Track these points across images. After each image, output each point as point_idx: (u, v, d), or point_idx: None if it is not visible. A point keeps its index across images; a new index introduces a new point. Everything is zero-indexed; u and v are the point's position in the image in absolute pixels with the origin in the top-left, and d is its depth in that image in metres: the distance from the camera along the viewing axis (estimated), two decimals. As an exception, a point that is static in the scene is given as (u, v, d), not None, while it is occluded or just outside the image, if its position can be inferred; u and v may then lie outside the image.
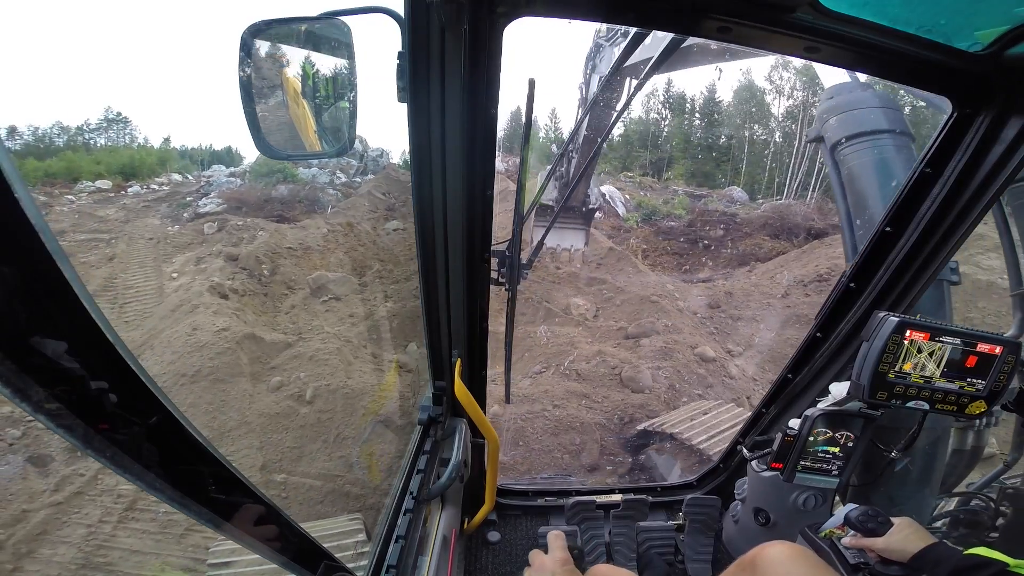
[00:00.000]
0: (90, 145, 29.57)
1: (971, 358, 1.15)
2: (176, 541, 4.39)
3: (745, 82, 30.29)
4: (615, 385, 6.43)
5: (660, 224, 16.45)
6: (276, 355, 6.87)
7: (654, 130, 32.16)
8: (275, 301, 8.97)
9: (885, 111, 1.74)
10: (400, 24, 0.85)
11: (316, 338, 7.32)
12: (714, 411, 5.35)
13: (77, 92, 62.27)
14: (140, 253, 11.00)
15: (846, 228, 1.76)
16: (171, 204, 14.43)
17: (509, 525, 1.95)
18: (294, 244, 10.53)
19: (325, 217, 12.74)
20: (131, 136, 32.28)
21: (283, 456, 5.31)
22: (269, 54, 0.89)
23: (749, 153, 29.91)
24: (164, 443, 0.36)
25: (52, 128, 29.76)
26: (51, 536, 4.40)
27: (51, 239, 0.26)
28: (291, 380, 6.31)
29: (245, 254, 9.81)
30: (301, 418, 5.71)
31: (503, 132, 23.73)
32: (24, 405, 0.26)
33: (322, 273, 9.49)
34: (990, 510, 1.73)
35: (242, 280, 9.08)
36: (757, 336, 8.59)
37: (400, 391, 6.32)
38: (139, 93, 62.16)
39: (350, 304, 8.77)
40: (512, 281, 1.47)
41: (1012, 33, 0.87)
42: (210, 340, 6.70)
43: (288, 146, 0.94)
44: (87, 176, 17.75)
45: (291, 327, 7.93)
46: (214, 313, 7.46)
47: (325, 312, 8.53)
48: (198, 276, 9.28)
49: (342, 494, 4.91)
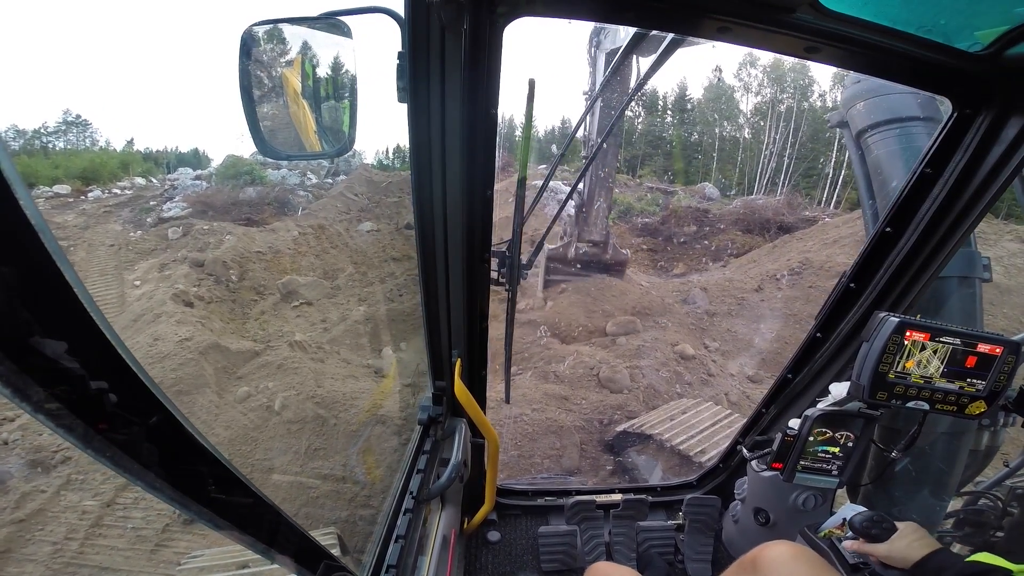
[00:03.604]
0: (48, 149, 28.65)
1: (971, 358, 1.15)
2: (147, 557, 4.30)
3: (715, 80, 30.80)
4: (593, 386, 6.38)
5: (635, 221, 16.60)
6: (243, 364, 6.67)
7: (628, 127, 32.31)
8: (244, 307, 8.71)
9: (916, 97, 1.62)
10: (400, 24, 0.85)
11: (286, 345, 7.14)
12: (693, 410, 5.35)
13: (35, 94, 59.44)
14: (101, 260, 10.38)
15: (869, 218, 1.68)
16: (134, 209, 13.86)
17: (509, 525, 1.95)
18: (263, 248, 10.23)
19: (296, 219, 12.44)
20: (92, 139, 31.30)
21: (252, 468, 5.16)
22: (269, 54, 0.89)
23: (720, 150, 30.30)
24: (164, 443, 0.36)
25: (7, 132, 27.94)
26: (15, 554, 4.30)
27: (51, 239, 0.26)
28: (259, 390, 6.11)
29: (211, 259, 9.41)
30: (270, 429, 5.54)
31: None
32: (24, 405, 0.26)
33: (293, 277, 9.29)
34: (997, 510, 1.72)
35: (208, 287, 8.76)
36: (734, 331, 8.57)
37: (377, 399, 6.20)
38: (101, 95, 59.53)
39: (322, 309, 8.60)
40: (512, 281, 1.47)
41: (1012, 33, 0.87)
42: (172, 351, 6.44)
43: (288, 146, 0.94)
44: (44, 181, 16.91)
45: (260, 334, 7.73)
46: (177, 322, 7.18)
47: (296, 318, 8.35)
48: (162, 284, 8.87)
49: (316, 506, 4.80)
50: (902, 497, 1.66)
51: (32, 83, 58.61)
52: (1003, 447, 1.71)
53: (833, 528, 1.41)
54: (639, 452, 5.05)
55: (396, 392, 6.53)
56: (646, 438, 5.03)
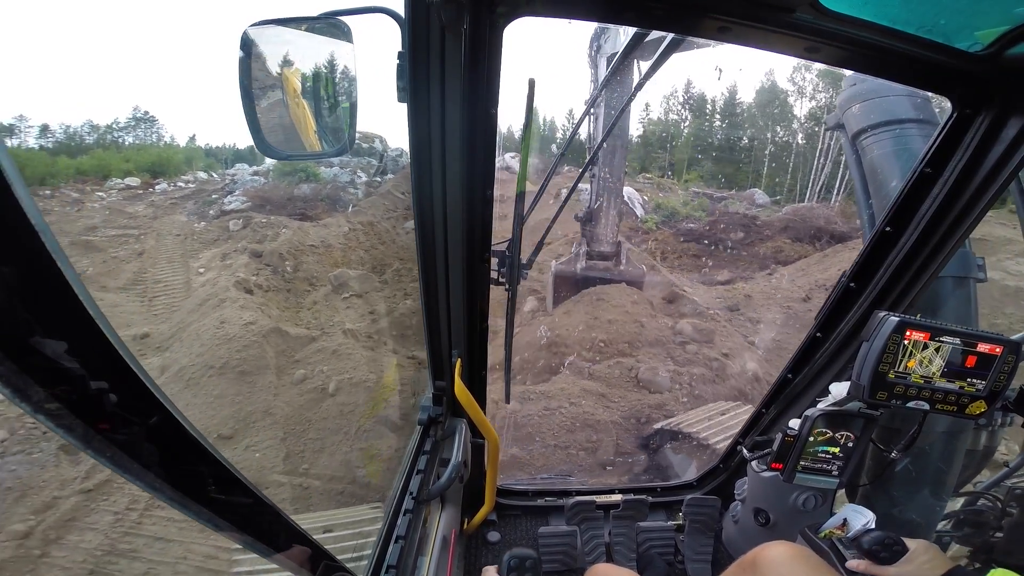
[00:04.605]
0: (119, 143, 30.49)
1: (971, 358, 1.15)
2: (199, 529, 4.42)
3: (767, 83, 29.98)
4: (631, 386, 6.38)
5: (679, 226, 16.13)
6: (300, 348, 7.01)
7: (674, 131, 31.78)
8: (297, 297, 9.12)
9: (912, 99, 1.63)
10: (400, 24, 0.86)
11: (340, 332, 7.45)
12: (732, 411, 5.30)
13: (106, 91, 63.89)
14: (168, 248, 11.25)
15: (866, 221, 1.69)
16: (197, 201, 14.64)
17: (509, 525, 1.95)
18: (316, 242, 10.69)
19: (346, 216, 12.89)
20: (158, 135, 33.27)
21: (305, 447, 5.46)
22: (269, 54, 0.89)
23: (771, 155, 29.36)
24: (164, 443, 0.36)
25: (83, 127, 30.61)
26: (79, 522, 4.47)
27: (51, 239, 0.26)
28: (314, 373, 6.46)
29: (269, 251, 9.98)
30: (323, 410, 5.85)
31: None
32: (24, 405, 0.26)
33: (344, 270, 9.63)
34: (996, 510, 1.72)
35: (266, 276, 9.25)
36: (777, 338, 8.49)
37: (413, 388, 6.42)
38: (165, 93, 63.89)
39: (370, 301, 8.88)
40: (512, 281, 1.46)
41: (1012, 33, 0.87)
42: (238, 333, 6.85)
43: (288, 146, 0.94)
44: (117, 173, 18.27)
45: (313, 322, 8.08)
46: (241, 307, 7.59)
47: (346, 308, 8.64)
48: (224, 271, 9.43)
49: (363, 484, 5.00)
50: (901, 497, 1.66)
51: (107, 79, 63.57)
52: (1001, 447, 1.71)
53: (833, 528, 1.41)
54: (675, 450, 5.05)
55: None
56: (683, 436, 5.00)
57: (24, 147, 28.32)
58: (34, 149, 27.27)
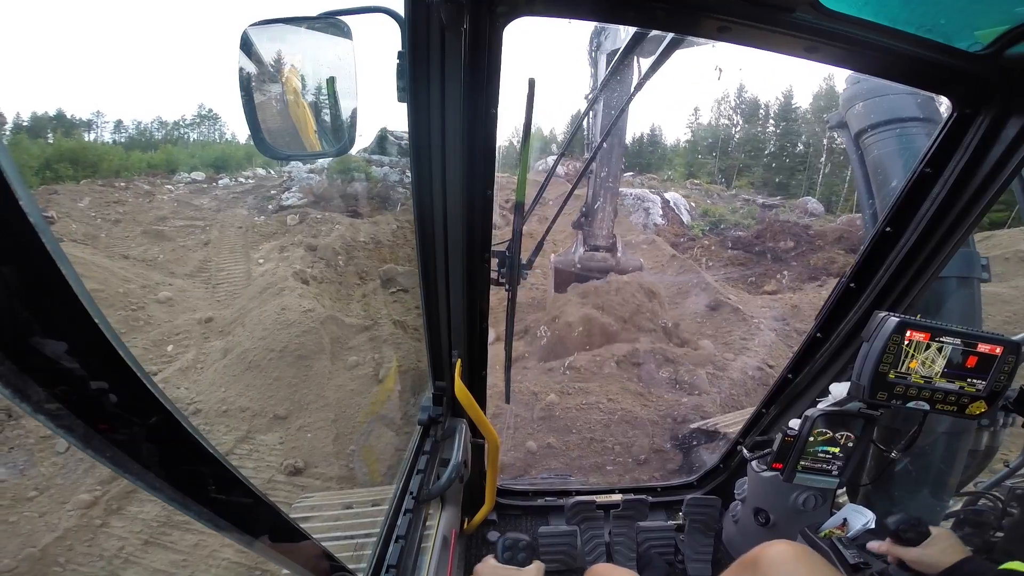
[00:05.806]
0: (185, 140, 32.50)
1: (971, 358, 1.15)
2: None
3: (826, 87, 29.20)
4: (669, 387, 6.51)
5: (727, 234, 15.83)
6: (353, 336, 7.32)
7: (723, 136, 31.34)
8: (348, 289, 9.55)
9: (914, 97, 1.63)
10: (400, 24, 0.85)
11: (390, 323, 7.87)
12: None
13: (174, 89, 68.05)
14: (231, 239, 11.96)
15: (869, 219, 1.69)
16: (257, 196, 15.15)
17: (509, 525, 1.95)
18: (366, 238, 11.17)
19: (395, 214, 13.32)
20: (220, 132, 35.17)
21: (354, 429, 5.72)
22: (269, 54, 0.89)
23: (827, 163, 28.37)
24: (164, 443, 0.36)
25: (152, 123, 33.13)
26: (140, 493, 4.63)
27: (51, 239, 0.26)
28: (365, 360, 6.78)
29: (323, 245, 10.42)
30: (372, 395, 6.17)
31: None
32: (24, 405, 0.26)
33: (392, 266, 9.99)
34: (997, 510, 1.72)
35: (320, 269, 9.70)
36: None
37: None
38: (228, 91, 64.92)
39: (416, 296, 9.07)
40: (512, 281, 1.46)
41: (1012, 33, 0.87)
42: (297, 319, 7.17)
43: (288, 146, 0.94)
44: (184, 168, 19.19)
45: (363, 314, 8.46)
46: (299, 296, 7.96)
47: (393, 303, 9.07)
48: (282, 263, 9.89)
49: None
50: (902, 497, 1.66)
51: (175, 77, 67.54)
52: (1002, 447, 1.71)
53: (833, 528, 1.41)
54: (709, 450, 5.09)
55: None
56: (719, 436, 5.06)
57: (100, 141, 30.13)
58: (109, 144, 28.75)
